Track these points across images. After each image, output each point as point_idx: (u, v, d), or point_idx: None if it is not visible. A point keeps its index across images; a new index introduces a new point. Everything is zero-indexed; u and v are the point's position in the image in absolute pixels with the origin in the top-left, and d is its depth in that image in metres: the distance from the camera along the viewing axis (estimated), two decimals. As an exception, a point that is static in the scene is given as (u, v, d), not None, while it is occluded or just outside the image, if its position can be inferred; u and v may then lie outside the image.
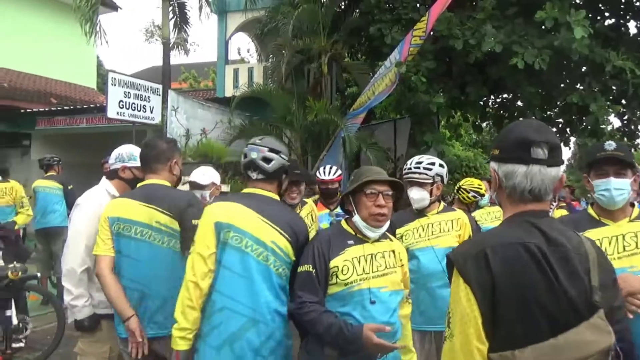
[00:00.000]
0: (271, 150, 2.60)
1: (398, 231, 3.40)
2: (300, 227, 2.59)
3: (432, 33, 8.67)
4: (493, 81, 9.40)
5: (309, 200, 4.64)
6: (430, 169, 3.41)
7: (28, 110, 15.00)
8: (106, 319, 3.14)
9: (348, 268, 2.41)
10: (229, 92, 13.32)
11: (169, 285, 2.79)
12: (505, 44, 8.04)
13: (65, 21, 16.67)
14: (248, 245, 2.43)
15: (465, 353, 1.39)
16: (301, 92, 10.93)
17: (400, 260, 2.58)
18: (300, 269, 2.44)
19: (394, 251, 2.57)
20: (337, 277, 2.40)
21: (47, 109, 15.04)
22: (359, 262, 2.43)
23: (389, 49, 9.16)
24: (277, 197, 2.64)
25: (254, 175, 2.60)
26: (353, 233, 2.52)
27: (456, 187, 5.10)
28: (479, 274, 1.41)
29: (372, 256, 2.47)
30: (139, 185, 3.06)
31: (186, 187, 4.00)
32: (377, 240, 2.56)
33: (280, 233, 2.48)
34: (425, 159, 3.47)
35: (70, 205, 6.97)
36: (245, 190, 2.65)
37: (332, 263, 2.42)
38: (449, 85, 9.82)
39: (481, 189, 4.91)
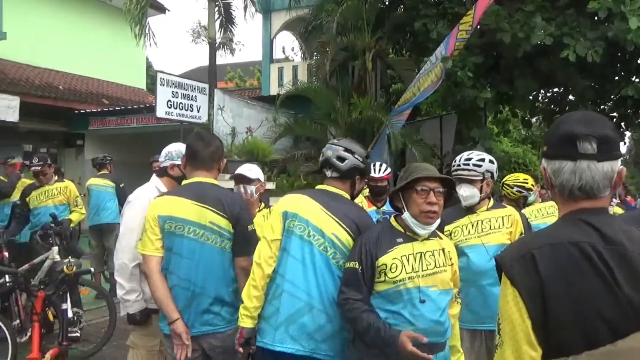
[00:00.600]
0: (346, 150, 2.68)
1: (447, 228, 3.34)
2: (365, 223, 2.65)
3: (478, 27, 8.52)
4: (543, 75, 9.14)
5: (360, 196, 4.62)
6: (480, 165, 3.33)
7: (82, 111, 15.54)
8: (157, 314, 3.21)
9: (397, 266, 2.39)
10: (274, 90, 13.43)
11: (219, 284, 2.84)
12: (556, 37, 7.80)
13: (116, 25, 17.17)
14: (310, 235, 2.54)
15: None
16: (345, 90, 10.92)
17: (450, 259, 2.54)
18: (347, 265, 2.46)
19: (443, 249, 2.53)
20: (385, 275, 2.39)
21: (99, 110, 15.55)
22: (408, 260, 2.41)
23: (434, 44, 9.04)
24: (346, 195, 2.71)
25: (328, 173, 2.71)
26: (402, 231, 2.50)
27: (500, 183, 4.94)
28: (526, 277, 1.34)
29: (421, 254, 2.44)
30: (185, 182, 3.04)
31: (230, 183, 4.05)
32: (427, 238, 2.53)
33: (342, 226, 2.56)
34: (475, 155, 3.40)
35: (122, 202, 7.13)
36: (318, 187, 2.76)
37: (380, 261, 2.40)
38: (497, 80, 9.61)
39: (526, 183, 4.68)
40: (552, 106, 11.01)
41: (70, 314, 4.10)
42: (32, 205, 6.09)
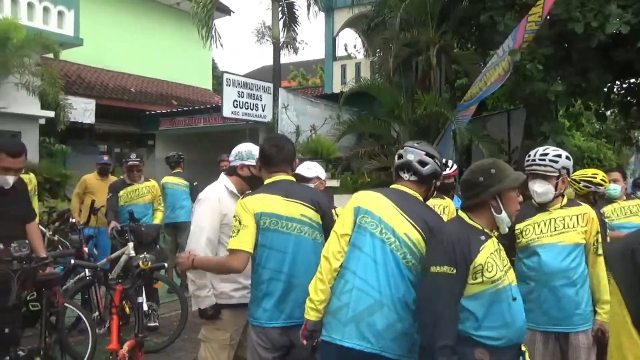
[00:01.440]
0: (427, 154, 2.65)
1: (518, 226, 3.24)
2: (439, 226, 2.57)
3: (548, 17, 8.19)
4: (619, 65, 8.68)
5: None
6: (556, 162, 3.20)
7: (152, 112, 16.14)
8: (227, 308, 3.30)
9: (491, 265, 2.29)
10: (336, 88, 13.48)
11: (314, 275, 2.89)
12: (633, 25, 7.40)
13: (183, 28, 17.73)
14: (383, 232, 2.52)
15: (619, 356, 1.33)
16: (409, 86, 10.80)
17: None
18: (435, 269, 2.25)
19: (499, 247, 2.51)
20: (482, 275, 2.26)
21: (168, 111, 16.10)
22: (494, 259, 2.34)
23: (501, 37, 8.78)
24: (420, 198, 2.68)
25: (406, 176, 2.67)
26: (480, 228, 2.41)
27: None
28: (626, 273, 1.33)
29: (498, 251, 2.41)
30: (269, 181, 3.10)
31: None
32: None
33: (414, 226, 2.52)
34: (551, 150, 3.26)
35: (195, 200, 7.36)
36: (393, 186, 2.73)
37: (477, 261, 2.26)
38: (568, 72, 9.21)
39: (594, 178, 4.34)
40: (629, 98, 10.45)
41: (145, 307, 4.27)
42: (122, 202, 6.28)
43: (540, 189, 3.23)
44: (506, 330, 2.28)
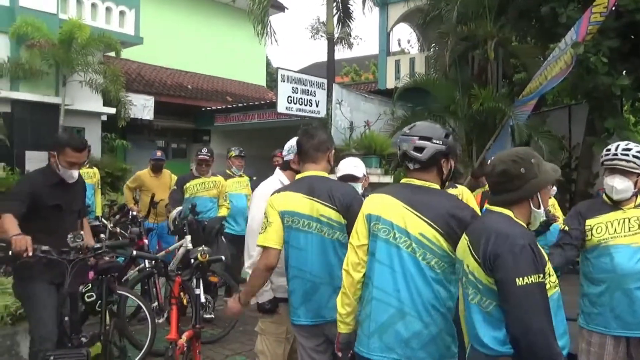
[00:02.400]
0: (422, 138, 2.46)
1: (588, 222, 3.09)
2: (458, 217, 2.38)
3: (614, 8, 7.85)
4: (689, 58, 8.25)
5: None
6: None
7: (208, 108, 16.48)
8: (284, 302, 3.32)
9: (548, 267, 2.11)
10: (390, 83, 13.38)
11: (337, 274, 2.86)
12: None
13: (238, 25, 18.01)
14: (396, 237, 2.37)
15: None
16: (465, 81, 10.59)
17: None
18: (522, 281, 1.94)
19: None
20: (549, 280, 2.08)
21: (223, 107, 16.40)
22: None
23: (563, 29, 8.48)
24: (434, 185, 2.49)
25: (410, 165, 2.50)
26: (525, 226, 2.23)
27: None
28: None
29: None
30: (298, 176, 3.10)
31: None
32: None
33: (428, 223, 2.34)
34: (634, 145, 3.06)
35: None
36: (402, 181, 2.59)
37: (548, 265, 2.09)
38: (636, 65, 8.81)
39: None
40: (702, 92, 9.89)
41: (202, 299, 4.34)
42: (188, 193, 6.36)
43: (620, 185, 3.05)
44: (566, 337, 2.14)
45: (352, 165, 3.86)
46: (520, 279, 1.93)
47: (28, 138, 11.11)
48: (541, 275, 1.96)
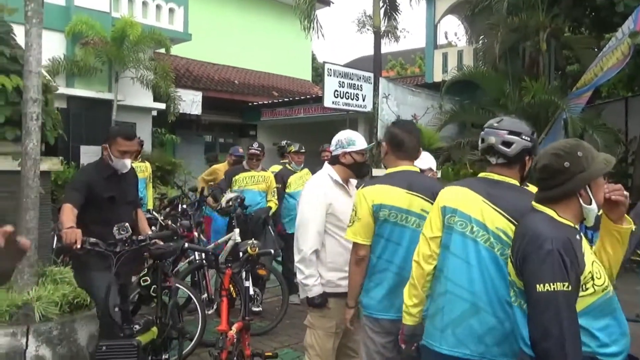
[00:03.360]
0: (511, 132, 2.38)
1: None
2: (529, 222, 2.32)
3: (677, -5, 7.50)
4: None
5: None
6: None
7: (254, 103, 16.64)
8: (334, 297, 3.32)
9: (597, 270, 1.99)
10: (437, 77, 13.18)
11: None
12: None
13: (284, 20, 18.11)
14: (473, 231, 2.33)
15: None
16: (516, 73, 10.33)
17: None
18: (544, 287, 1.86)
19: None
20: (593, 284, 1.96)
21: (270, 102, 16.53)
22: (596, 260, 2.07)
23: (620, 19, 8.17)
24: (514, 182, 2.42)
25: (493, 160, 2.41)
26: (572, 225, 2.05)
27: None
28: None
29: (591, 249, 2.15)
30: (392, 170, 3.07)
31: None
32: None
33: (507, 218, 2.29)
34: None
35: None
36: (481, 175, 2.52)
37: (585, 270, 1.96)
38: (699, 55, 8.41)
39: None
40: None
41: (251, 292, 4.40)
42: (236, 186, 6.44)
43: None
44: (624, 340, 2.02)
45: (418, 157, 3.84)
46: (541, 285, 1.87)
47: (83, 133, 11.49)
48: (568, 284, 1.86)
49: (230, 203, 5.80)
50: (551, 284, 1.86)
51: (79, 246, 3.25)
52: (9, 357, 3.94)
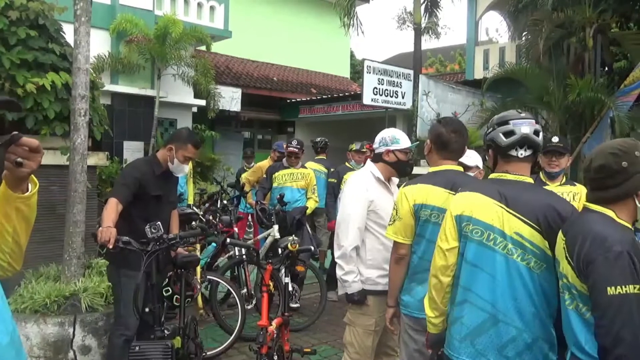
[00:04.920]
0: (536, 122, 2.35)
1: None
2: (557, 210, 2.21)
3: None
4: None
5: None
6: None
7: (293, 100, 16.72)
8: (373, 295, 3.32)
9: None
10: (478, 74, 12.97)
11: None
12: None
13: (323, 17, 18.13)
14: (490, 239, 2.24)
15: None
16: (560, 70, 10.06)
17: None
18: (615, 290, 1.78)
19: None
20: None
21: (308, 99, 16.57)
22: None
23: (673, 13, 7.86)
24: (529, 180, 2.34)
25: (521, 153, 2.31)
26: (630, 227, 2.01)
27: None
28: None
29: None
30: (434, 169, 3.04)
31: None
32: None
33: (524, 221, 2.19)
34: None
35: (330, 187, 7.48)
36: (492, 175, 2.41)
37: None
38: None
39: None
40: None
41: (290, 288, 4.43)
42: (276, 183, 6.55)
43: None
44: None
45: (464, 155, 3.79)
46: (613, 288, 1.77)
47: (126, 129, 11.74)
48: (639, 286, 1.77)
49: (259, 215, 5.93)
50: (623, 287, 1.77)
51: (111, 246, 3.26)
52: (57, 346, 4.08)
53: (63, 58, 5.27)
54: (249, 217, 9.08)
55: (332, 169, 7.68)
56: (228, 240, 4.98)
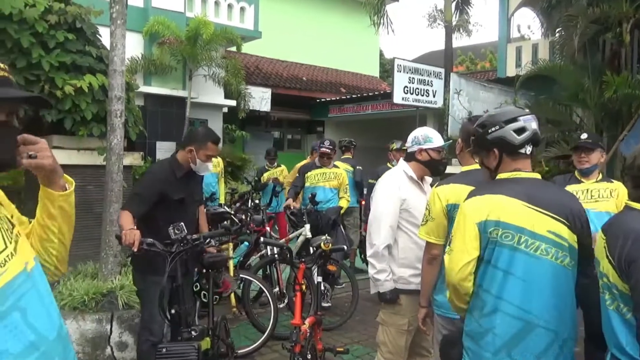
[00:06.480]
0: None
1: None
2: (576, 207, 2.23)
3: None
4: None
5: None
6: None
7: (322, 99, 16.74)
8: (405, 294, 3.31)
9: None
10: (510, 71, 12.75)
11: None
12: None
13: (352, 16, 18.11)
14: (522, 242, 2.15)
15: None
16: (596, 66, 9.84)
17: None
18: None
19: None
20: None
21: (337, 98, 16.58)
22: None
23: None
24: (538, 176, 2.34)
25: (528, 150, 2.30)
26: None
27: None
28: None
29: None
30: (468, 169, 3.02)
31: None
32: None
33: (555, 218, 2.15)
34: None
35: (356, 185, 7.47)
36: (503, 176, 2.33)
37: None
38: None
39: None
40: None
41: (322, 287, 4.44)
42: (308, 182, 6.57)
43: None
44: None
45: None
46: None
47: (158, 129, 11.94)
48: None
49: (291, 218, 5.98)
50: None
51: (135, 249, 3.27)
52: (95, 342, 4.17)
53: (99, 60, 5.39)
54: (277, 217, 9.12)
55: (357, 167, 7.66)
56: (262, 239, 5.01)
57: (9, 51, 4.95)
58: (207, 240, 3.66)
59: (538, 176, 2.32)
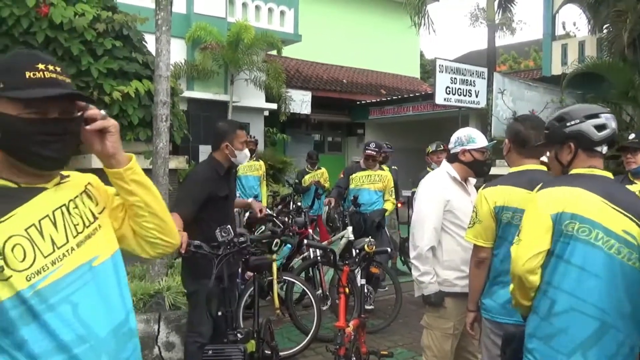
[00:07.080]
0: None
1: None
2: None
3: None
4: None
5: None
6: None
7: (362, 102, 16.71)
8: (450, 297, 3.26)
9: None
10: (556, 70, 12.43)
11: None
12: None
13: (391, 18, 18.03)
14: (598, 238, 2.07)
15: None
16: (646, 63, 9.52)
17: None
18: None
19: None
20: None
21: (378, 100, 16.52)
22: None
23: None
24: (612, 176, 2.26)
25: (604, 149, 2.23)
26: None
27: None
28: None
29: None
30: (515, 170, 2.93)
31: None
32: None
33: (632, 219, 2.08)
34: None
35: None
36: (579, 171, 2.25)
37: None
38: None
39: None
40: None
41: (365, 290, 4.41)
42: (353, 184, 6.52)
43: None
44: None
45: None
46: None
47: (201, 133, 12.14)
48: None
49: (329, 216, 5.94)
50: None
51: (183, 250, 3.28)
52: (142, 342, 4.23)
53: (145, 66, 5.52)
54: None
55: (393, 167, 7.56)
56: (305, 241, 5.02)
57: (60, 59, 5.13)
58: (254, 244, 3.67)
59: (611, 176, 2.25)
